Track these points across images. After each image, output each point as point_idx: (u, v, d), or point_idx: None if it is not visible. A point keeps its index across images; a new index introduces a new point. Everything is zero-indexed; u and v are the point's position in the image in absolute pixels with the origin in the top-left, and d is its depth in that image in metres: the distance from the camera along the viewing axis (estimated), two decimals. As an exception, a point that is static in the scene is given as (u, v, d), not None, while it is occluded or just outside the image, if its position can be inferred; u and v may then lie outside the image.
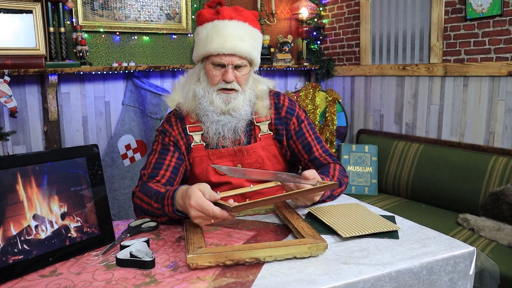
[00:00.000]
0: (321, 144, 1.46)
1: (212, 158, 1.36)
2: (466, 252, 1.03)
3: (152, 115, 2.83)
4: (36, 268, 0.95)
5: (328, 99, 3.34)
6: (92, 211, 1.08)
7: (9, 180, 0.95)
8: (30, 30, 2.45)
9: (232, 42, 1.25)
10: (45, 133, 2.66)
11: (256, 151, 1.38)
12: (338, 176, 1.35)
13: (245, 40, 1.28)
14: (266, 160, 1.40)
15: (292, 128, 1.42)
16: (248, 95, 1.34)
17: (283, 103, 1.43)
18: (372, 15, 3.16)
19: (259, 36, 1.35)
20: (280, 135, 1.42)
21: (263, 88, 1.37)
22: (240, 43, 1.26)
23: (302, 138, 1.43)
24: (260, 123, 1.39)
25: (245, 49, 1.28)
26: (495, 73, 2.39)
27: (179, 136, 1.38)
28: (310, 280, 0.88)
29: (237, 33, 1.27)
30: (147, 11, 2.93)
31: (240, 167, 1.35)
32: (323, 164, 1.43)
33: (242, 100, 1.31)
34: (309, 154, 1.43)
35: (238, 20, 1.28)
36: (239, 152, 1.36)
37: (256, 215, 1.29)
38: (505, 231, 2.01)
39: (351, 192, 2.83)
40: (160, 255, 1.02)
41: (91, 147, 1.12)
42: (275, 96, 1.45)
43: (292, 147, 1.43)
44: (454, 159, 2.47)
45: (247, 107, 1.33)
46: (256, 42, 1.32)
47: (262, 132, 1.39)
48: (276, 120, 1.41)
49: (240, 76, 1.30)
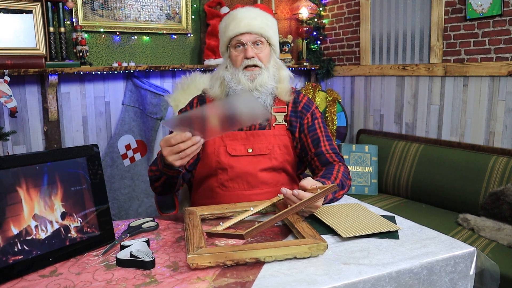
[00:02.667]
0: (330, 142, 1.51)
1: (225, 140, 1.45)
2: (466, 252, 1.03)
3: (152, 115, 2.83)
4: (36, 268, 0.95)
5: (328, 99, 3.34)
6: (92, 211, 1.08)
7: (9, 180, 0.95)
8: (30, 30, 2.45)
9: (245, 22, 1.40)
10: (45, 133, 2.66)
11: (267, 137, 1.45)
12: (341, 178, 1.36)
13: (257, 19, 1.42)
14: (276, 148, 1.45)
15: (306, 122, 1.50)
16: (273, 72, 1.45)
17: (301, 99, 1.53)
18: (372, 15, 3.16)
19: (272, 19, 1.49)
20: (293, 127, 1.49)
21: (284, 73, 1.48)
22: (252, 22, 1.41)
23: (313, 132, 1.50)
24: (276, 113, 1.48)
25: (258, 26, 1.41)
26: (495, 73, 2.39)
27: None
28: (310, 280, 0.88)
29: (249, 15, 1.42)
30: (147, 11, 2.93)
31: None
32: (328, 161, 1.46)
33: (267, 76, 1.41)
34: (316, 148, 1.48)
35: (250, 6, 1.47)
36: (251, 136, 1.44)
37: (256, 215, 1.29)
38: (505, 231, 2.01)
39: (351, 192, 2.83)
40: (160, 255, 1.02)
41: (91, 147, 1.12)
42: (296, 93, 1.55)
43: (302, 140, 1.50)
44: (454, 159, 2.47)
45: (272, 82, 1.43)
46: (269, 21, 1.46)
47: (277, 121, 1.48)
48: (292, 113, 1.50)
49: (260, 53, 1.42)
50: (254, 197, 1.43)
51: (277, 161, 1.45)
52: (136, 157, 2.91)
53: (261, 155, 1.43)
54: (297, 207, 1.06)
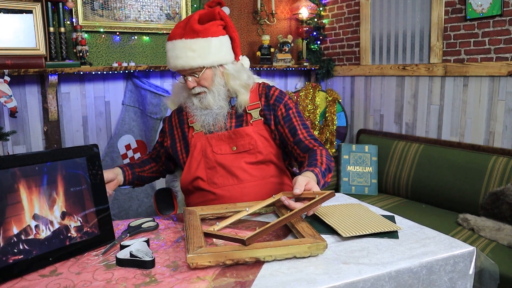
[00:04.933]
0: (307, 129, 1.55)
1: (211, 141, 1.52)
2: (465, 251, 1.03)
3: (152, 115, 2.83)
4: (36, 268, 0.95)
5: (328, 99, 3.34)
6: (92, 211, 1.08)
7: (9, 180, 0.95)
8: (30, 30, 2.45)
9: (180, 61, 1.44)
10: (45, 133, 2.66)
11: (248, 133, 1.51)
12: (326, 162, 1.40)
13: (181, 57, 1.44)
14: (259, 142, 1.51)
15: (280, 114, 1.54)
16: (218, 92, 1.49)
17: (273, 93, 1.58)
18: (372, 15, 3.16)
19: (214, 41, 1.46)
20: (268, 120, 1.54)
21: (234, 83, 1.50)
22: (178, 61, 1.45)
23: (288, 122, 1.54)
24: (251, 110, 1.54)
25: (190, 61, 1.43)
26: (495, 73, 2.39)
27: (175, 127, 1.63)
28: (310, 280, 0.88)
29: (174, 54, 1.45)
30: (147, 11, 2.93)
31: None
32: (308, 147, 1.49)
33: (212, 98, 1.48)
34: (294, 136, 1.52)
35: (186, 39, 1.44)
36: (233, 134, 1.50)
37: (256, 216, 1.29)
38: (505, 231, 2.02)
39: (351, 192, 2.84)
40: (160, 255, 1.02)
41: (91, 147, 1.12)
42: (266, 88, 1.60)
43: (280, 131, 1.55)
44: (454, 159, 2.47)
45: (221, 102, 1.50)
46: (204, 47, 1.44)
47: (253, 118, 1.54)
48: (265, 107, 1.55)
49: (200, 80, 1.47)
50: (246, 189, 1.47)
51: (262, 155, 1.50)
52: (136, 157, 2.91)
53: (245, 152, 1.50)
54: (297, 213, 1.07)
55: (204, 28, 1.44)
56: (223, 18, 1.50)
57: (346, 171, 2.88)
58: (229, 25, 1.51)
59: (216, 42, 1.46)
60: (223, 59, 1.49)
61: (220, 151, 1.50)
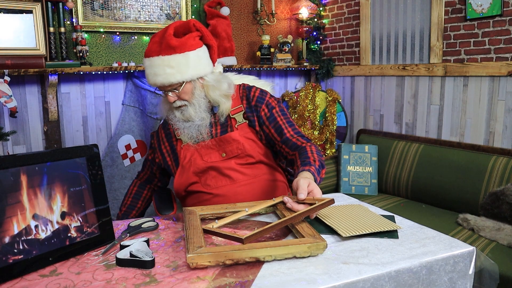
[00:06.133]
0: (293, 127, 1.55)
1: (200, 150, 1.52)
2: (465, 251, 1.03)
3: (152, 115, 2.83)
4: (36, 268, 0.95)
5: (328, 99, 3.34)
6: (92, 211, 1.08)
7: (9, 180, 0.95)
8: (30, 30, 2.45)
9: (160, 78, 1.43)
10: (45, 133, 2.66)
11: (235, 138, 1.51)
12: (319, 159, 1.40)
13: (160, 74, 1.43)
14: (247, 145, 1.51)
15: (263, 114, 1.54)
16: (199, 104, 1.49)
17: (253, 94, 1.57)
18: (372, 15, 3.16)
19: (192, 54, 1.44)
20: (252, 122, 1.54)
21: (215, 94, 1.50)
22: (167, 77, 1.42)
23: (274, 122, 1.54)
24: (235, 115, 1.54)
25: (168, 78, 1.42)
26: (495, 73, 2.39)
27: (162, 141, 1.63)
28: (309, 280, 0.88)
29: (161, 70, 1.43)
30: (147, 11, 2.93)
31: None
32: (296, 144, 1.49)
33: (193, 111, 1.48)
34: (281, 136, 1.52)
35: (163, 56, 1.42)
36: (220, 141, 1.51)
37: (256, 215, 1.30)
38: (505, 231, 2.01)
39: (351, 192, 2.84)
40: (160, 255, 1.02)
41: (91, 147, 1.12)
42: (247, 89, 1.59)
43: (266, 132, 1.55)
44: (454, 159, 2.47)
45: (202, 114, 1.49)
46: (180, 63, 1.43)
47: (238, 122, 1.54)
48: (247, 109, 1.55)
49: (181, 94, 1.47)
50: (239, 188, 1.49)
51: (252, 158, 1.51)
52: (136, 157, 2.91)
53: (235, 157, 1.50)
54: (296, 217, 1.08)
55: (181, 42, 1.42)
56: (199, 28, 1.48)
57: (346, 171, 2.88)
58: (205, 34, 1.49)
59: (194, 55, 1.45)
60: (202, 71, 1.48)
61: (210, 159, 1.51)
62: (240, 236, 0.98)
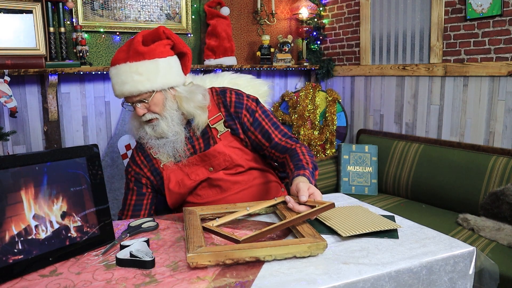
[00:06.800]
0: (279, 129, 1.49)
1: (184, 169, 1.44)
2: (465, 251, 1.03)
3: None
4: (36, 268, 0.95)
5: (328, 99, 3.34)
6: (92, 211, 1.08)
7: (9, 180, 0.95)
8: (30, 30, 2.45)
9: (127, 86, 1.33)
10: (45, 133, 2.66)
11: (220, 151, 1.43)
12: (311, 161, 1.37)
13: (128, 82, 1.33)
14: (234, 155, 1.44)
15: (246, 120, 1.46)
16: (171, 117, 1.38)
17: (230, 99, 1.47)
18: (372, 15, 3.16)
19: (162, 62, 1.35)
20: (234, 130, 1.46)
21: (188, 106, 1.39)
22: (124, 87, 1.33)
23: (259, 127, 1.46)
24: (215, 124, 1.45)
25: (138, 87, 1.32)
26: (495, 73, 2.39)
27: (143, 165, 1.48)
28: (310, 280, 0.88)
29: (119, 79, 1.34)
30: (147, 11, 2.93)
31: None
32: (285, 147, 1.45)
33: (165, 125, 1.37)
34: (269, 141, 1.46)
35: (131, 62, 1.33)
36: (205, 156, 1.43)
37: (256, 215, 1.29)
38: (505, 231, 2.01)
39: (351, 192, 2.84)
40: (160, 255, 1.02)
41: (91, 147, 1.12)
42: (221, 94, 1.49)
43: (251, 138, 1.48)
44: (454, 159, 2.47)
45: (175, 128, 1.38)
46: (156, 71, 1.34)
47: (219, 132, 1.45)
48: (227, 117, 1.46)
49: (151, 106, 1.36)
50: (230, 197, 1.46)
51: (241, 166, 1.45)
52: (136, 157, 2.91)
53: (223, 169, 1.44)
54: (295, 220, 1.08)
55: (149, 49, 1.33)
56: (170, 36, 1.38)
57: (346, 171, 2.88)
58: (176, 42, 1.40)
59: (164, 63, 1.35)
60: (173, 81, 1.37)
61: (198, 176, 1.44)
62: (238, 238, 0.98)
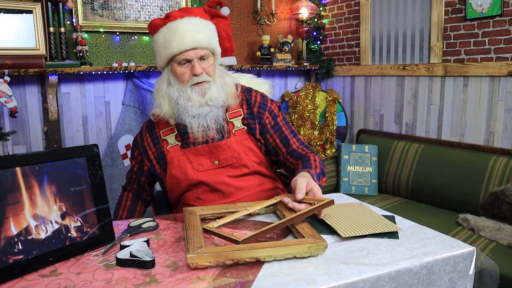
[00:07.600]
0: (296, 137, 1.51)
1: (189, 156, 1.41)
2: (466, 252, 1.03)
3: (152, 115, 2.83)
4: (36, 268, 0.95)
5: (328, 99, 3.34)
6: (92, 211, 1.08)
7: (9, 180, 0.95)
8: (30, 30, 2.45)
9: (190, 36, 1.31)
10: (45, 133, 2.66)
11: (231, 146, 1.40)
12: (320, 167, 1.38)
13: (201, 31, 1.34)
14: (243, 154, 1.42)
15: (267, 122, 1.46)
16: (220, 84, 1.39)
17: (255, 99, 1.47)
18: (372, 15, 3.16)
19: (212, 26, 1.41)
20: (252, 129, 1.45)
21: (229, 79, 1.41)
22: (197, 35, 1.32)
23: (279, 132, 1.47)
24: (233, 119, 1.43)
25: (204, 39, 1.33)
26: (495, 73, 2.39)
27: (148, 147, 1.48)
28: (310, 280, 0.88)
29: (192, 28, 1.32)
30: (147, 11, 2.93)
31: None
32: (301, 154, 1.46)
33: (215, 89, 1.36)
34: (287, 147, 1.47)
35: (189, 16, 1.34)
36: (214, 148, 1.40)
37: (256, 215, 1.29)
38: (505, 231, 2.01)
39: (351, 192, 2.83)
40: (160, 255, 1.02)
41: (91, 147, 1.12)
42: (246, 92, 1.49)
43: (269, 141, 1.47)
44: (454, 159, 2.47)
45: (222, 94, 1.38)
46: (211, 31, 1.39)
47: (236, 127, 1.43)
48: (248, 115, 1.45)
49: (207, 67, 1.35)
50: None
51: (247, 168, 1.42)
52: (136, 157, 2.91)
53: (229, 165, 1.41)
54: (295, 219, 1.08)
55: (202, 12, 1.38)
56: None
57: (346, 171, 2.88)
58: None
59: (213, 28, 1.39)
60: (219, 48, 1.41)
61: (202, 167, 1.40)
62: (237, 238, 0.98)
